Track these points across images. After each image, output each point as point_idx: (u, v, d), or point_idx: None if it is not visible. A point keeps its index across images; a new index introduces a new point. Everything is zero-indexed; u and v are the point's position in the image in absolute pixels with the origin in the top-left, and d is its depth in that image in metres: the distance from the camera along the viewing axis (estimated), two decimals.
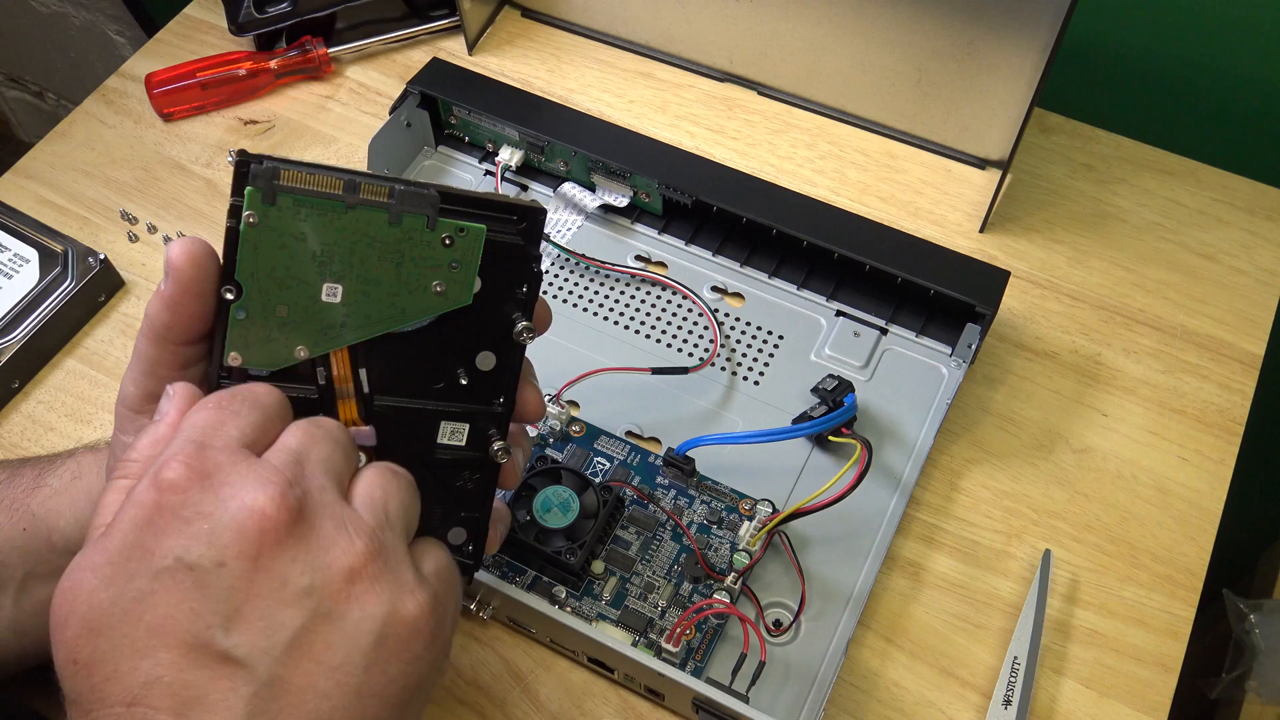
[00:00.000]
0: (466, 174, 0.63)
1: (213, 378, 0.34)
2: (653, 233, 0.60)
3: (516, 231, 0.35)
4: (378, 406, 0.35)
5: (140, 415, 0.34)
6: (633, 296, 0.57)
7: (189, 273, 0.32)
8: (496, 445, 0.37)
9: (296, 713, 0.28)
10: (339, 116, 0.67)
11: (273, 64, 0.67)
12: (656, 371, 0.54)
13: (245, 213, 0.32)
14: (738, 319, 0.56)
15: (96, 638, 0.27)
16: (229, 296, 0.33)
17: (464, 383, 0.36)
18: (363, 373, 0.35)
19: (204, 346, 0.34)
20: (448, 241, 0.34)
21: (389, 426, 0.36)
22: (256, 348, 0.34)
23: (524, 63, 0.69)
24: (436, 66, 0.62)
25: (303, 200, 0.32)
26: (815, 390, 0.53)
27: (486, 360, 0.36)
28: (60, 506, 0.40)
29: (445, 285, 0.34)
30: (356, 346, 0.35)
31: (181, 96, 0.67)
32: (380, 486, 0.32)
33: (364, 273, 0.33)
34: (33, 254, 0.58)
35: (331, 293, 0.33)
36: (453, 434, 0.37)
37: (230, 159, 0.64)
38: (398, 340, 0.35)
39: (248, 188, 0.32)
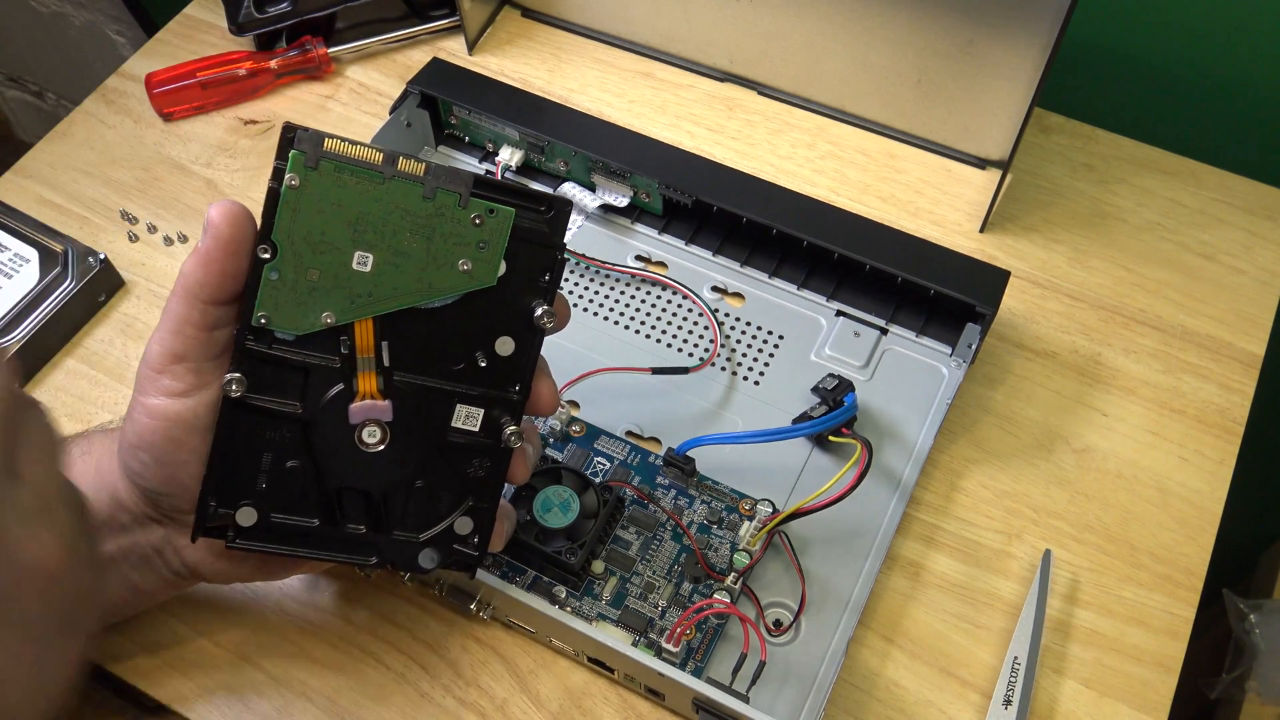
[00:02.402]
0: None
1: (240, 338, 0.35)
2: (653, 233, 0.60)
3: (544, 220, 0.36)
4: (397, 381, 0.36)
5: (161, 375, 0.35)
6: (633, 296, 0.57)
7: (226, 231, 0.33)
8: (509, 430, 0.37)
9: None
10: (339, 116, 0.67)
11: (273, 64, 0.67)
12: (656, 371, 0.54)
13: (288, 175, 0.33)
14: (738, 319, 0.56)
15: None
16: (264, 256, 0.34)
17: (482, 365, 0.37)
18: (385, 345, 0.36)
19: (233, 309, 0.35)
20: (477, 221, 0.35)
21: (406, 403, 0.37)
22: (285, 310, 0.35)
23: (524, 63, 0.69)
24: (436, 66, 0.62)
25: (343, 167, 0.33)
26: (815, 390, 0.53)
27: (505, 345, 0.37)
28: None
29: (472, 264, 0.35)
30: (381, 319, 0.35)
31: (181, 96, 0.67)
32: (45, 438, 0.30)
33: (395, 244, 0.34)
34: (33, 254, 0.58)
35: (362, 261, 0.34)
36: (467, 418, 0.37)
37: (286, 127, 0.65)
38: (421, 317, 0.36)
39: (292, 151, 0.33)
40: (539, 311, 0.36)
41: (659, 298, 0.57)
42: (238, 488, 0.37)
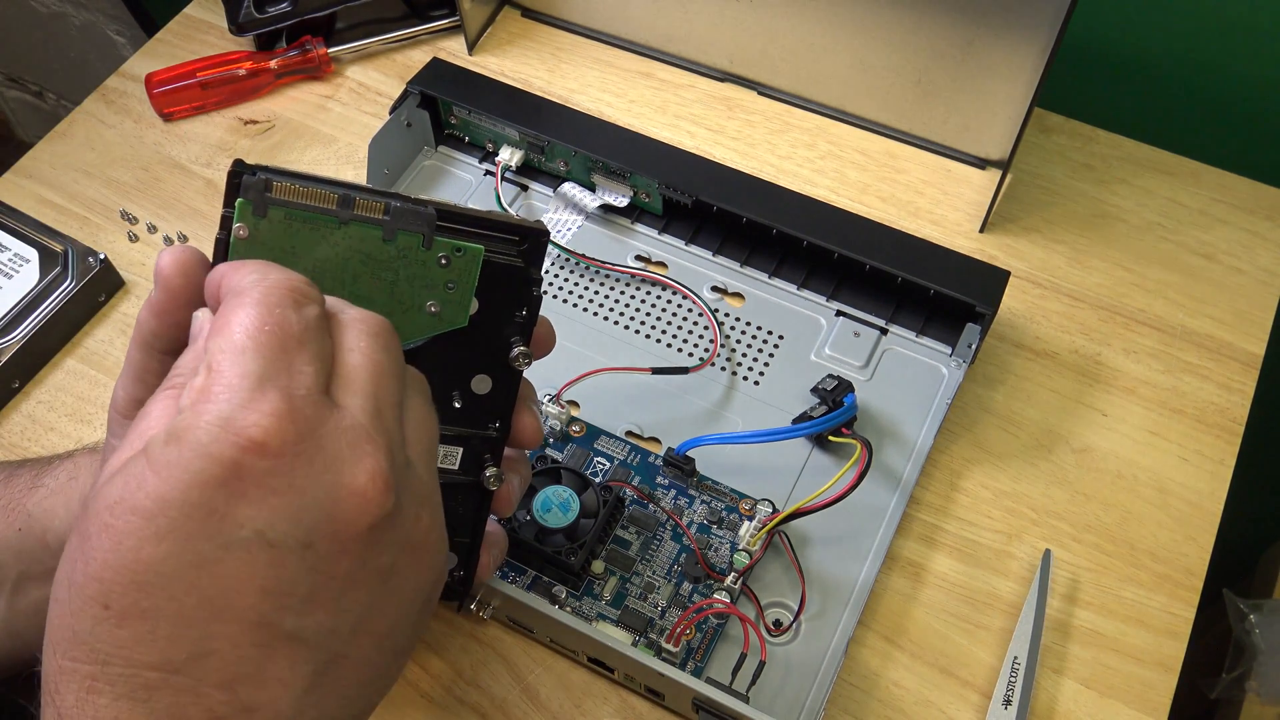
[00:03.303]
0: (466, 174, 0.63)
1: None
2: (653, 233, 0.60)
3: (517, 253, 0.34)
4: None
5: (129, 420, 0.33)
6: (633, 296, 0.57)
7: (177, 282, 0.31)
8: (489, 472, 0.36)
9: (347, 685, 0.27)
10: (339, 116, 0.67)
11: (273, 64, 0.67)
12: (656, 371, 0.54)
13: (235, 225, 0.31)
14: (738, 319, 0.56)
15: (138, 591, 0.24)
16: None
17: (458, 406, 0.35)
18: None
19: None
20: (444, 261, 0.33)
21: None
22: None
23: (524, 63, 0.69)
24: (436, 66, 0.62)
25: (294, 214, 0.31)
26: (815, 390, 0.53)
27: (482, 384, 0.35)
28: (55, 506, 0.39)
29: (440, 306, 0.33)
30: None
31: (181, 96, 0.67)
32: (429, 429, 0.30)
33: (356, 290, 0.32)
34: (33, 254, 0.58)
35: None
36: (445, 457, 0.36)
37: (233, 166, 0.64)
38: None
39: (238, 199, 0.31)
40: (515, 352, 0.35)
41: (659, 298, 0.57)
42: None
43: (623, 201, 0.59)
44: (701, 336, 0.56)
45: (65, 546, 0.26)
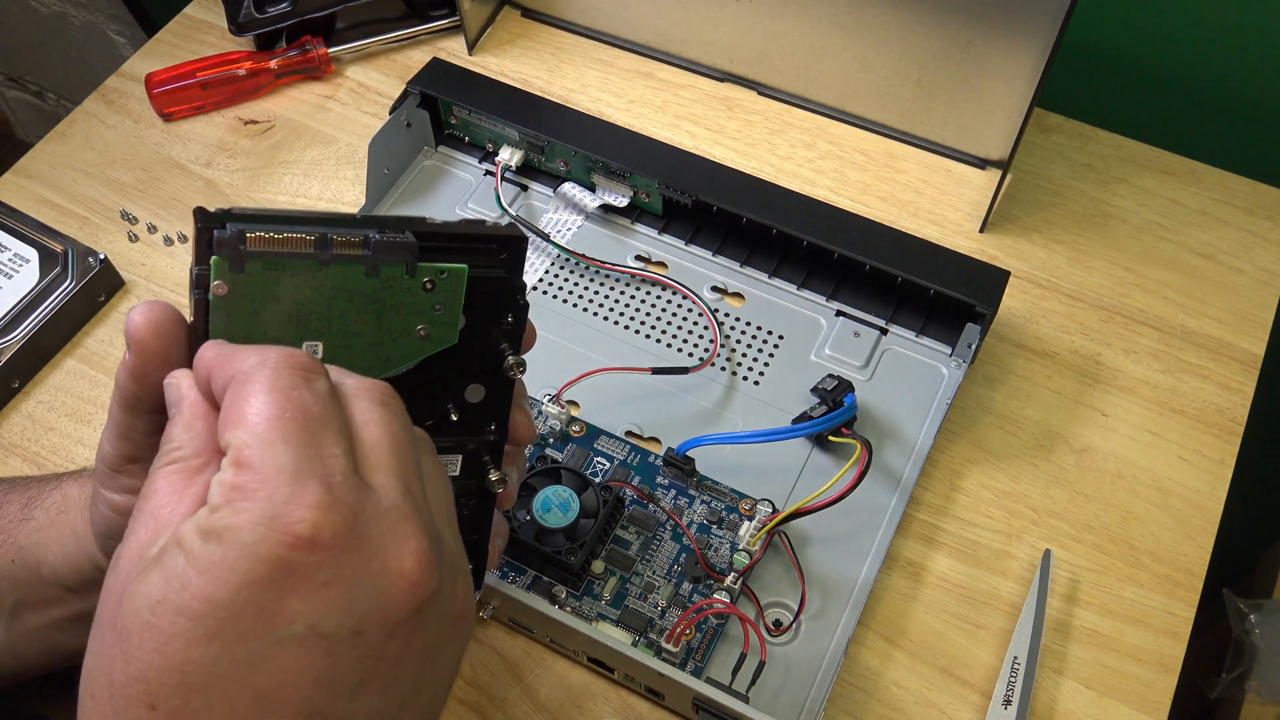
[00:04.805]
0: (466, 174, 0.63)
1: None
2: (653, 233, 0.60)
3: (498, 263, 0.34)
4: None
5: (120, 474, 0.33)
6: (633, 296, 0.57)
7: (153, 344, 0.30)
8: (493, 476, 0.36)
9: None
10: (339, 116, 0.67)
11: (273, 64, 0.67)
12: (656, 371, 0.54)
13: (214, 283, 0.29)
14: (738, 319, 0.56)
15: (188, 692, 0.24)
16: None
17: (455, 418, 0.35)
18: None
19: None
20: (429, 286, 0.32)
21: None
22: None
23: (524, 63, 0.69)
24: (436, 66, 0.62)
25: (273, 263, 0.30)
26: (815, 390, 0.53)
27: (476, 392, 0.35)
28: (47, 541, 0.39)
29: (429, 328, 0.33)
30: None
31: (181, 96, 0.67)
32: (445, 491, 0.30)
33: (344, 327, 0.32)
34: (33, 254, 0.58)
35: (312, 350, 0.32)
36: (446, 466, 0.35)
37: (198, 218, 0.64)
38: None
39: (213, 257, 0.29)
40: (509, 361, 0.35)
41: (659, 298, 0.57)
42: None
43: (623, 201, 0.59)
44: (701, 336, 0.56)
45: (91, 639, 0.26)
